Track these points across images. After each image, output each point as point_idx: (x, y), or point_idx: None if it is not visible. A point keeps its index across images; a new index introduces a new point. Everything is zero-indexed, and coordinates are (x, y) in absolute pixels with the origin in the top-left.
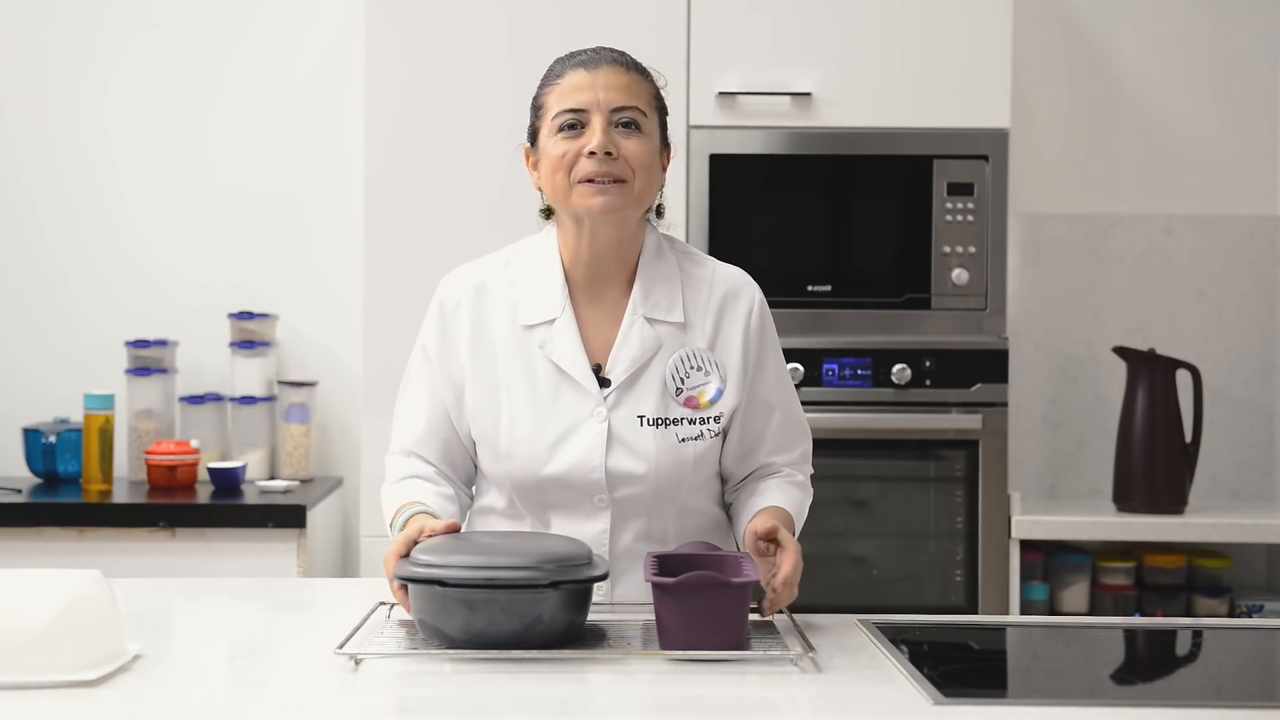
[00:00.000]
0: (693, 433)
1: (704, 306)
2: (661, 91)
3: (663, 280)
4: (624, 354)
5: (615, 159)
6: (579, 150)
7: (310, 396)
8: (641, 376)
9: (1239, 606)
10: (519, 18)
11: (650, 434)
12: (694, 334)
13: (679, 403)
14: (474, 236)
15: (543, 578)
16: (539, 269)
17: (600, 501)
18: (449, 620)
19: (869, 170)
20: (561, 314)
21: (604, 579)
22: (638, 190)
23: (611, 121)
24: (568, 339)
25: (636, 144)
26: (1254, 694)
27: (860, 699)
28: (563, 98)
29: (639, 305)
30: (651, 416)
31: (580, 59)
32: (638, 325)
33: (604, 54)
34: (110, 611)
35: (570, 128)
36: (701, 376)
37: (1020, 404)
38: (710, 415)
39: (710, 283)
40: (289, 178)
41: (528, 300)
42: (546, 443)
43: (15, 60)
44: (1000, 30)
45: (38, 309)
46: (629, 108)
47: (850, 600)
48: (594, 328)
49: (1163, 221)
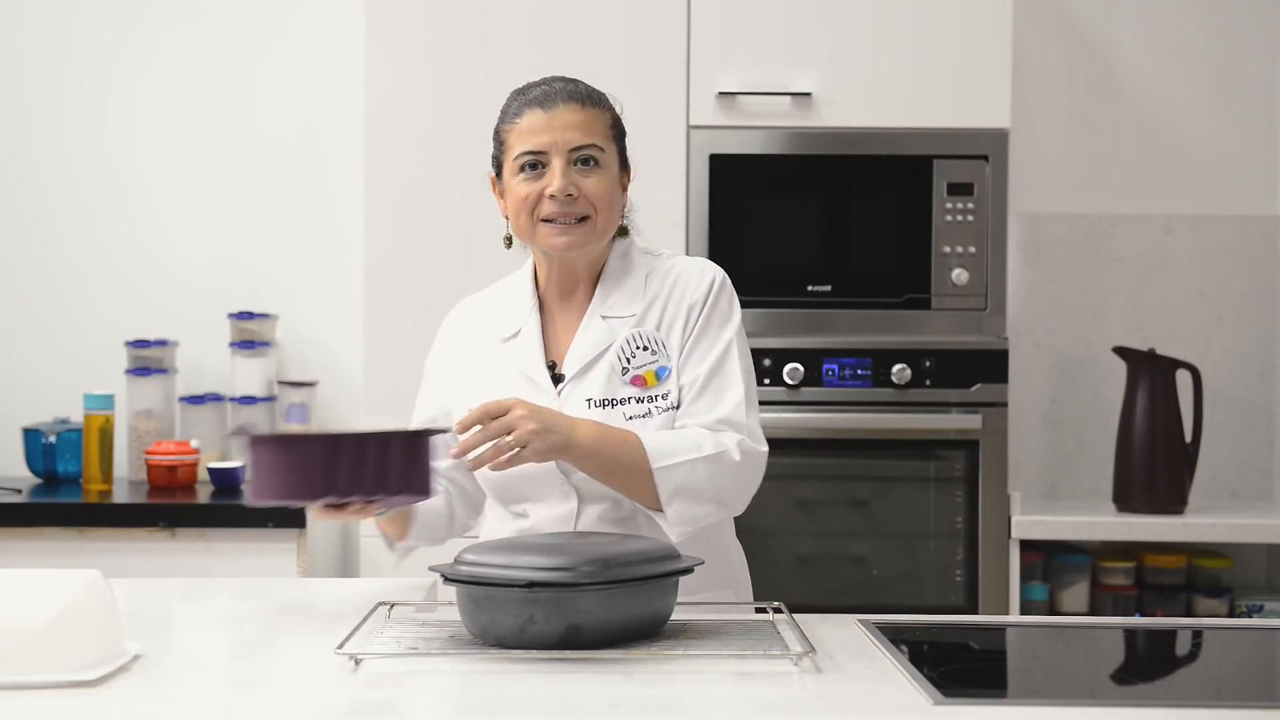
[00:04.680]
0: (640, 410)
1: (659, 293)
2: (619, 115)
3: (624, 283)
4: (578, 350)
5: (576, 199)
6: (540, 191)
7: (310, 396)
8: (594, 367)
9: (1239, 606)
10: (519, 17)
11: (598, 415)
12: (646, 320)
13: (625, 382)
14: (474, 236)
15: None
16: (514, 289)
17: (563, 489)
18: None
19: (869, 170)
20: (526, 324)
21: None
22: (600, 226)
23: (570, 160)
24: (530, 345)
25: (596, 181)
26: (1254, 694)
27: (860, 699)
28: (522, 139)
29: (598, 307)
30: (599, 398)
31: (535, 97)
32: (594, 324)
33: (558, 90)
34: (110, 611)
35: (531, 167)
36: (648, 356)
37: (1020, 404)
38: (658, 393)
39: (666, 275)
40: (289, 178)
41: (503, 317)
42: None
43: (17, 59)
44: (1000, 30)
45: (38, 309)
46: (586, 146)
47: (850, 600)
48: (561, 334)
49: (1163, 221)
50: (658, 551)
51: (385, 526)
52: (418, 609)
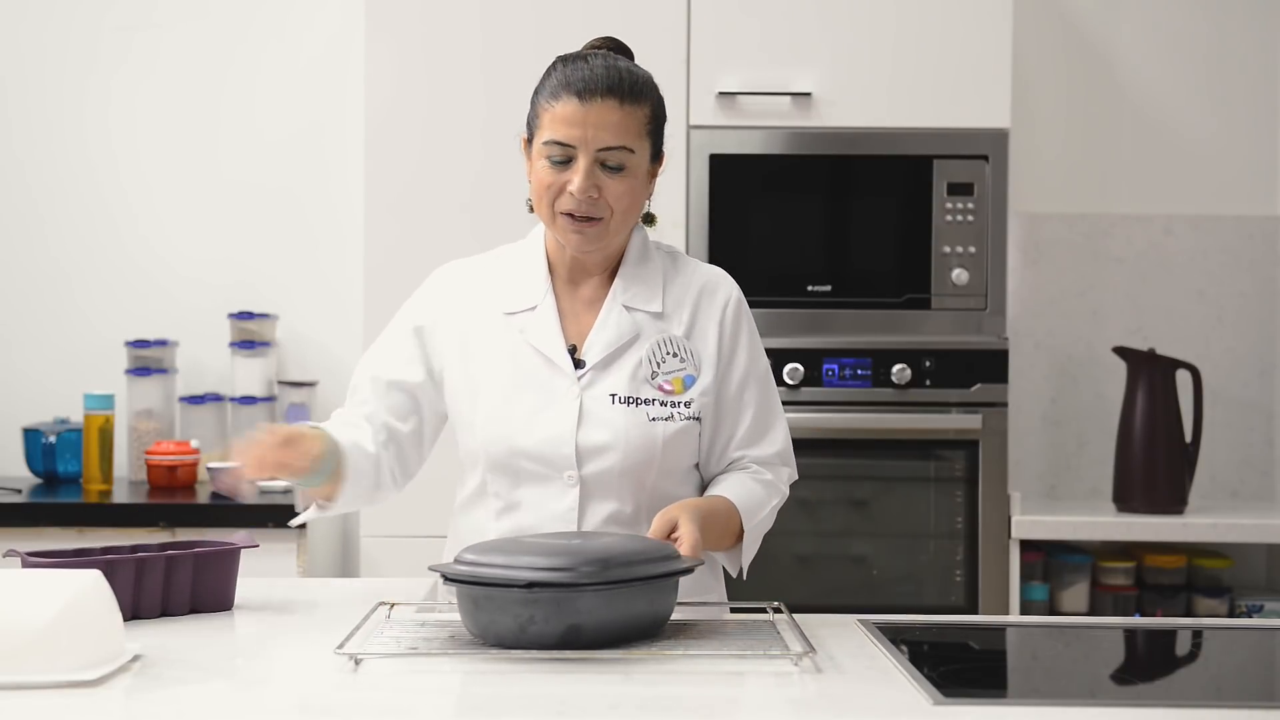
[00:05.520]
0: (663, 413)
1: (681, 299)
2: (660, 103)
3: (645, 276)
4: (601, 337)
5: (596, 200)
6: (563, 185)
7: (310, 396)
8: (617, 360)
9: (1239, 606)
10: (520, 16)
11: (621, 411)
12: (671, 324)
13: (653, 386)
14: (475, 234)
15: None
16: (523, 260)
17: (569, 478)
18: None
19: (869, 170)
20: (542, 301)
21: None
22: (615, 227)
23: (597, 160)
24: (547, 324)
25: (619, 184)
26: (1254, 694)
27: (860, 699)
28: (555, 126)
29: (619, 294)
30: (623, 395)
31: (575, 81)
32: (616, 311)
33: (599, 79)
34: (110, 611)
35: (558, 159)
36: (677, 363)
37: (1020, 404)
38: (681, 400)
39: (690, 278)
40: (289, 177)
41: (510, 289)
42: (520, 415)
43: (17, 59)
44: (1000, 30)
45: (38, 309)
46: (616, 148)
47: (850, 600)
48: (574, 315)
49: (1163, 221)
50: (658, 552)
51: (312, 494)
52: (418, 609)
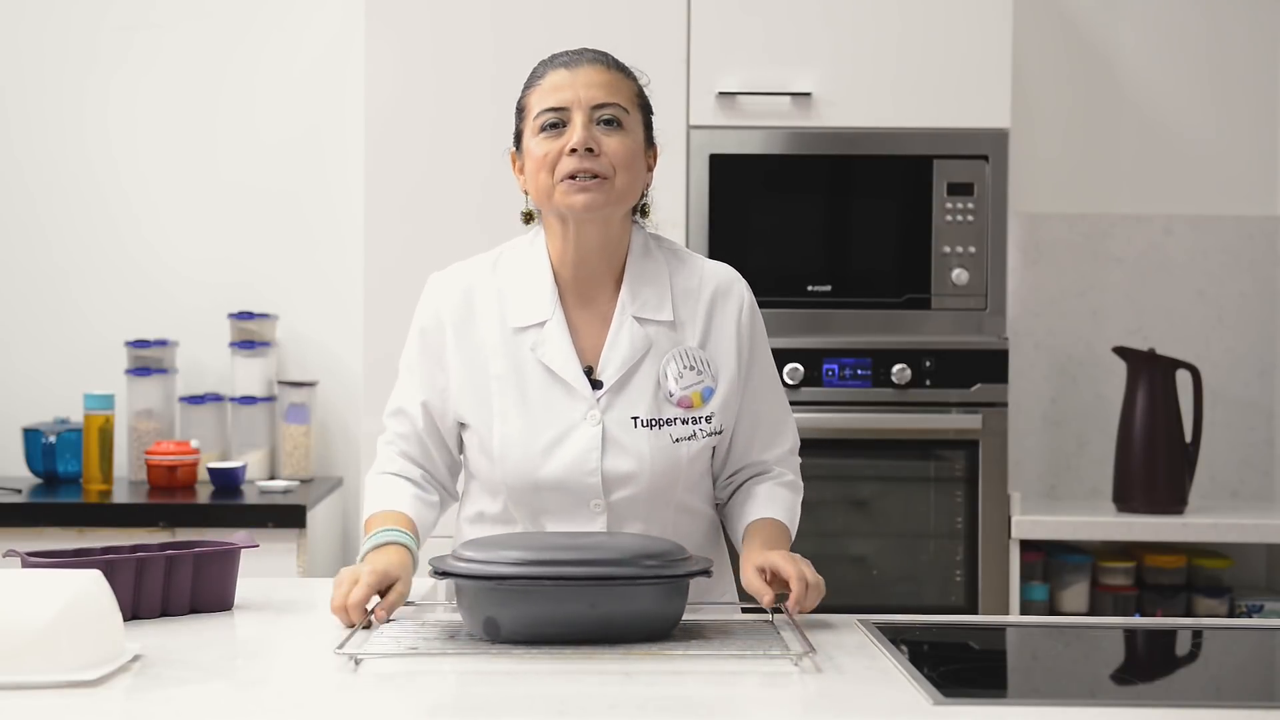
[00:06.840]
0: (686, 433)
1: (693, 305)
2: (645, 90)
3: (650, 279)
4: (614, 355)
5: (597, 155)
6: (561, 148)
7: (310, 396)
8: (633, 377)
9: (1239, 606)
10: (520, 15)
11: (644, 435)
12: (684, 332)
13: (672, 403)
14: (475, 234)
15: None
16: (528, 271)
17: (596, 506)
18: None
19: (869, 170)
20: (552, 316)
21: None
22: (620, 187)
23: (593, 119)
24: (559, 341)
25: (618, 141)
26: (1254, 694)
27: (860, 699)
28: (544, 97)
29: (628, 305)
30: (645, 418)
31: (561, 59)
32: (627, 325)
33: (585, 53)
34: (110, 611)
35: (552, 126)
36: (695, 376)
37: (1020, 404)
38: (702, 415)
39: (699, 280)
40: (289, 178)
41: (517, 303)
42: (540, 447)
43: (17, 59)
44: (1000, 30)
45: (38, 309)
46: (610, 104)
47: (850, 600)
48: (584, 330)
49: (1163, 221)
50: (671, 553)
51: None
52: (418, 609)
